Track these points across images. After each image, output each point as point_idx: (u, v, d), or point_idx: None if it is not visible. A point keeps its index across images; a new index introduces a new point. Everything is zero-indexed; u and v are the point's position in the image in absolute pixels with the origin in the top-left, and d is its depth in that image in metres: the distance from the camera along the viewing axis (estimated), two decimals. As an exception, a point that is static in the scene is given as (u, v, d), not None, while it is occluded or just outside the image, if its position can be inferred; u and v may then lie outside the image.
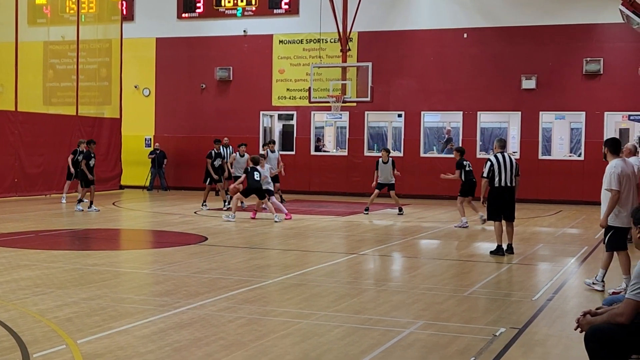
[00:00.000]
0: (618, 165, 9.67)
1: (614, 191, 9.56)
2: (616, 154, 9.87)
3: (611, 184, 9.58)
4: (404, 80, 27.00)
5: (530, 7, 25.72)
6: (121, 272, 10.98)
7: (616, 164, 9.68)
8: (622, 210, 9.60)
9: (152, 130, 30.12)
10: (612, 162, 9.76)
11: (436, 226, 17.77)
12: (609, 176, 9.64)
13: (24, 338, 6.97)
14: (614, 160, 9.77)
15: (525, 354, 6.87)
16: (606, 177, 9.71)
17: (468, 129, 26.48)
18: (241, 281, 10.11)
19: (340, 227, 17.41)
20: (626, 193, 9.63)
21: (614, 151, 9.86)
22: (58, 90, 28.82)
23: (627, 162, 9.94)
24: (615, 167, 9.64)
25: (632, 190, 9.70)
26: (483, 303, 9.21)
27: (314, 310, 8.42)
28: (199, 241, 14.31)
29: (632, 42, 24.59)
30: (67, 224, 17.15)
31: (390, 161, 20.40)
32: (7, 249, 12.77)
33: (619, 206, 9.61)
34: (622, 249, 9.75)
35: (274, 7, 28.41)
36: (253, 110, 28.81)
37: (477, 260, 12.62)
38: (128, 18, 29.69)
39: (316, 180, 27.79)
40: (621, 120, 26.55)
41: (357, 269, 11.83)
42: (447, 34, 26.61)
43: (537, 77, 25.53)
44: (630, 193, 9.67)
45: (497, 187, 12.88)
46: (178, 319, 7.89)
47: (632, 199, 9.70)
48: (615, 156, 9.83)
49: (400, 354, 6.79)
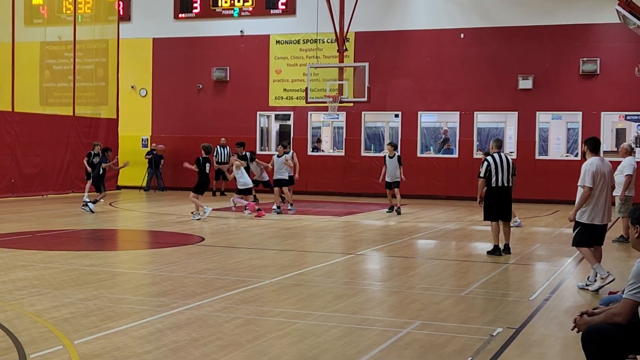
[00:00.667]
0: (594, 163, 9.87)
1: (585, 187, 9.77)
2: (595, 153, 10.06)
3: (584, 181, 9.80)
4: (401, 81, 27.02)
5: (527, 7, 25.75)
6: (118, 273, 10.97)
7: (592, 162, 9.89)
8: (592, 208, 9.78)
9: (149, 131, 30.10)
10: (589, 159, 9.98)
11: (433, 226, 17.78)
12: (583, 173, 9.86)
13: (21, 339, 6.96)
14: (591, 158, 9.97)
15: (522, 354, 6.88)
16: (581, 173, 9.90)
17: (465, 129, 26.50)
18: (238, 281, 10.11)
19: (338, 228, 17.41)
20: (599, 192, 9.79)
21: (593, 150, 10.05)
22: (55, 91, 28.79)
23: (605, 162, 10.06)
24: (591, 164, 9.85)
25: (605, 190, 9.85)
26: (480, 303, 9.22)
27: (311, 311, 8.42)
28: (196, 241, 14.31)
29: (629, 42, 24.63)
30: (64, 225, 17.13)
31: (395, 156, 20.51)
32: (4, 250, 12.75)
33: (590, 203, 9.79)
34: (585, 245, 9.91)
35: (270, 8, 28.41)
36: (250, 110, 28.81)
37: (474, 260, 12.63)
38: (125, 18, 29.68)
39: (313, 181, 27.78)
40: (618, 120, 26.61)
41: (354, 269, 11.83)
42: (444, 34, 26.63)
43: (534, 77, 25.56)
44: (603, 192, 9.83)
45: (494, 187, 12.89)
46: (175, 319, 7.88)
47: (605, 198, 9.84)
48: (594, 154, 10.02)
49: (397, 354, 6.79)
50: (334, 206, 23.12)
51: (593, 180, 9.73)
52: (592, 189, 9.73)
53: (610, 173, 10.00)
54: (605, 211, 9.88)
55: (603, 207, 9.81)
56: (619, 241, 14.76)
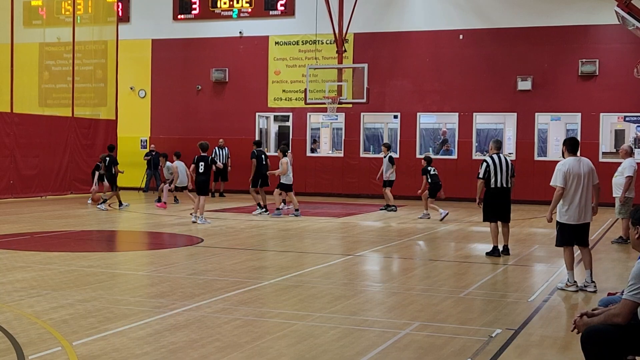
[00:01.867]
0: (566, 163, 9.97)
1: (557, 187, 9.88)
2: (573, 153, 10.13)
3: (555, 181, 9.94)
4: (400, 82, 27.03)
5: (526, 8, 25.76)
6: (117, 274, 10.97)
7: (565, 162, 10.00)
8: (568, 208, 9.88)
9: (148, 132, 30.08)
10: (564, 159, 10.08)
11: (432, 227, 17.77)
12: (555, 172, 9.99)
13: (20, 340, 6.95)
14: (567, 158, 10.06)
15: (521, 355, 6.87)
16: (554, 173, 10.03)
17: (464, 130, 26.50)
18: (237, 283, 10.10)
19: (336, 229, 17.40)
20: (573, 191, 9.86)
21: (571, 150, 10.14)
22: (54, 92, 28.77)
23: (583, 162, 10.09)
24: (564, 164, 9.96)
25: (581, 190, 9.88)
26: (479, 304, 9.21)
27: (310, 312, 8.42)
28: (195, 243, 14.30)
29: (628, 44, 24.64)
30: (62, 226, 17.12)
31: (387, 156, 21.28)
32: (3, 251, 12.75)
33: (565, 203, 9.90)
34: (567, 245, 10.03)
35: (269, 9, 28.42)
36: (249, 111, 28.81)
37: (473, 261, 12.63)
38: (124, 19, 29.68)
39: (312, 182, 27.78)
40: (617, 121, 26.60)
41: (353, 270, 11.82)
42: (443, 35, 26.64)
43: (533, 79, 25.56)
44: (578, 192, 9.88)
45: (493, 188, 12.90)
46: (174, 320, 7.87)
47: (581, 198, 9.87)
48: (571, 155, 10.10)
49: (396, 355, 6.79)
50: (332, 207, 23.13)
51: (565, 180, 9.84)
52: (565, 189, 9.84)
53: (590, 173, 10.00)
54: (582, 211, 9.90)
55: (578, 206, 9.86)
56: (618, 242, 14.77)
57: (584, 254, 10.14)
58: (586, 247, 10.15)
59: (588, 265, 10.06)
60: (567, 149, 10.12)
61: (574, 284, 9.97)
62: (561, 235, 10.07)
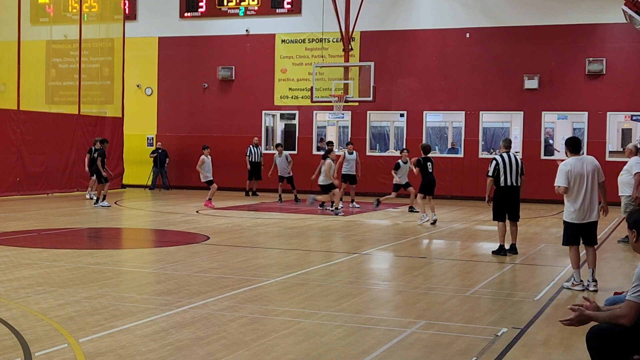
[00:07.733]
0: (568, 163, 10.00)
1: (560, 187, 9.91)
2: (575, 153, 10.15)
3: (557, 181, 9.98)
4: (406, 80, 27.00)
5: (533, 7, 25.70)
6: (123, 271, 10.99)
7: (567, 162, 10.03)
8: (572, 207, 9.91)
9: (155, 130, 30.12)
10: (566, 160, 10.10)
11: (438, 226, 17.75)
12: (558, 173, 10.03)
13: (26, 337, 6.97)
14: (569, 158, 10.09)
15: (526, 354, 6.87)
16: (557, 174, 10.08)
17: (470, 128, 26.46)
18: (243, 280, 10.11)
19: (342, 227, 17.40)
20: (577, 191, 9.88)
21: (573, 150, 10.16)
22: (60, 89, 28.86)
23: (586, 161, 10.09)
24: (565, 165, 10.00)
25: (584, 189, 9.88)
26: (485, 303, 9.21)
27: (316, 310, 8.42)
28: (201, 240, 14.32)
29: (635, 42, 24.57)
30: (69, 223, 17.16)
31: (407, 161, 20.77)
32: (9, 248, 12.78)
33: (570, 202, 9.93)
34: (572, 244, 10.06)
35: (276, 7, 28.41)
36: (255, 109, 28.82)
37: (479, 260, 12.62)
38: (130, 17, 29.72)
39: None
40: (624, 120, 26.55)
41: (358, 268, 11.82)
42: (450, 33, 26.60)
43: (540, 77, 25.51)
44: (581, 192, 9.88)
45: (503, 187, 12.88)
46: (180, 318, 7.89)
47: (585, 197, 9.88)
48: (573, 154, 10.12)
49: (401, 353, 6.79)
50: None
51: (567, 180, 9.86)
52: (568, 189, 9.86)
53: (594, 172, 9.98)
54: (586, 210, 9.90)
55: (582, 206, 9.87)
56: (624, 242, 14.72)
57: (589, 253, 10.15)
58: (592, 246, 10.15)
59: (591, 264, 10.06)
60: (569, 148, 10.14)
61: (580, 283, 9.98)
62: (566, 234, 10.11)
